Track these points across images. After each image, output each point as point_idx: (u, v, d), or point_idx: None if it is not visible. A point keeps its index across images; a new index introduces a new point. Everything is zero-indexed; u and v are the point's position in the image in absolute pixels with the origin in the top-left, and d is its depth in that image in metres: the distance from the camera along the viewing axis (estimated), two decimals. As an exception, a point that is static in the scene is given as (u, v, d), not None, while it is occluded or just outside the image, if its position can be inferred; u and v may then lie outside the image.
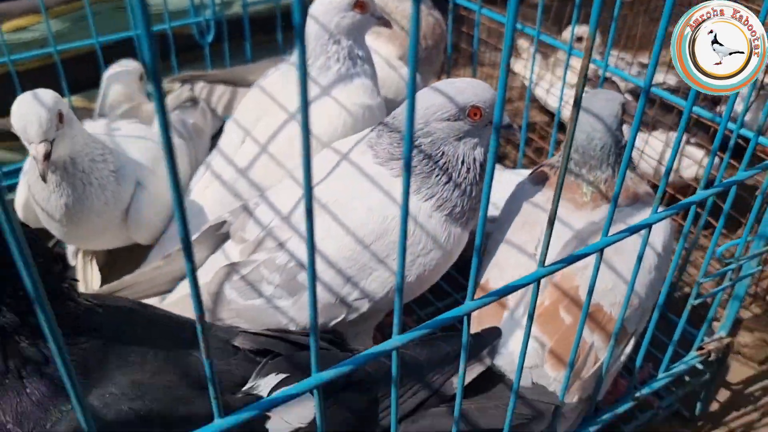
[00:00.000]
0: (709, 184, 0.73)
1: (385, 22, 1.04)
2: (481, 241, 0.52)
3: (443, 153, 0.81)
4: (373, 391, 0.70)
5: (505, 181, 1.05)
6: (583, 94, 0.54)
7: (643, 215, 0.85)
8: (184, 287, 0.88)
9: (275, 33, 1.46)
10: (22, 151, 1.26)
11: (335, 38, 0.99)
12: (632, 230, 0.66)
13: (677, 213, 0.73)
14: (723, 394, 1.13)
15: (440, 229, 0.82)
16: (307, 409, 0.64)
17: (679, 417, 1.09)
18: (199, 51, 1.41)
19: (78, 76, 1.31)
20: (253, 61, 1.42)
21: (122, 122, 1.05)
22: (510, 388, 0.76)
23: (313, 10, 1.00)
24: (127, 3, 1.32)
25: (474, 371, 0.76)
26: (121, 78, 1.20)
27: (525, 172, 1.14)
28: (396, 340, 0.52)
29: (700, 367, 1.02)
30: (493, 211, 1.01)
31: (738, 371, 1.17)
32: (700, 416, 1.08)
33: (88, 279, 0.98)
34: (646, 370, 0.99)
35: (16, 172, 1.26)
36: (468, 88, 0.81)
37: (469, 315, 0.56)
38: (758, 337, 1.19)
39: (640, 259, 0.71)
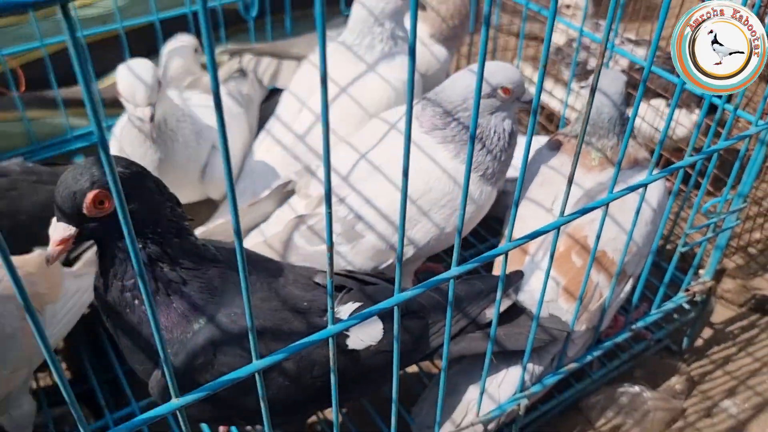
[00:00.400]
0: (697, 149, 0.89)
1: (421, 6, 1.19)
2: (519, 197, 0.68)
3: (479, 124, 0.97)
4: (425, 318, 0.87)
5: (522, 147, 1.21)
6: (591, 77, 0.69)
7: (642, 177, 1.01)
8: (255, 236, 1.04)
9: (311, 8, 1.60)
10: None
11: (380, 21, 1.14)
12: (632, 189, 0.82)
13: (669, 174, 0.89)
14: (707, 332, 1.31)
15: (475, 188, 0.98)
16: (376, 330, 0.81)
17: (669, 351, 1.27)
18: (243, 24, 1.55)
19: (135, 48, 1.45)
20: (292, 35, 1.56)
21: (190, 93, 1.20)
22: (531, 318, 0.94)
23: (360, -6, 1.15)
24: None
25: (503, 305, 0.94)
26: (179, 52, 1.34)
27: (541, 138, 1.30)
28: (454, 270, 0.68)
29: (686, 306, 1.20)
30: (513, 172, 1.18)
31: (721, 313, 1.35)
32: (686, 350, 1.27)
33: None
34: (642, 309, 1.16)
35: (85, 136, 1.42)
36: (500, 71, 0.96)
37: (507, 253, 0.73)
38: (739, 284, 1.37)
39: (637, 212, 0.87)
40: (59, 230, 0.66)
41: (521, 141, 1.31)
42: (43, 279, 0.91)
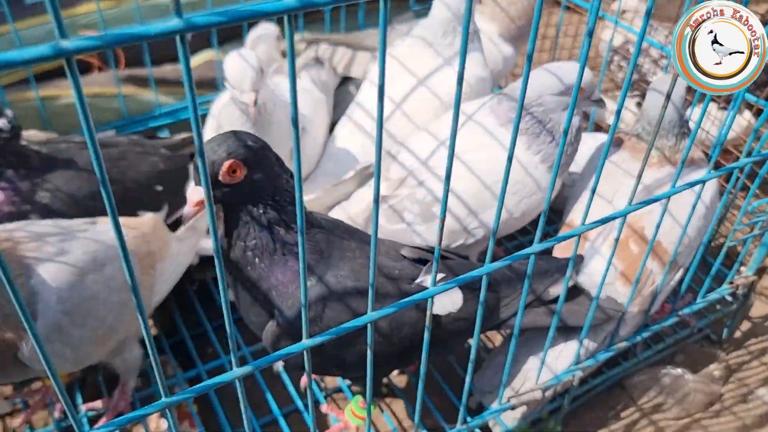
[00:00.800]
0: (748, 153, 0.98)
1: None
2: (588, 185, 0.78)
3: (551, 119, 1.06)
4: (497, 291, 0.97)
5: (584, 143, 1.29)
6: (655, 78, 0.77)
7: (697, 175, 1.10)
8: (337, 213, 1.15)
9: (376, 2, 1.70)
10: (176, 95, 1.54)
11: (459, 20, 1.23)
12: (691, 185, 0.91)
13: (724, 174, 0.98)
14: (746, 325, 1.39)
15: (543, 177, 1.08)
16: (457, 300, 0.91)
17: (709, 340, 1.36)
18: (319, 14, 1.65)
19: (220, 33, 1.56)
20: (364, 27, 1.67)
21: (278, 78, 1.31)
22: (590, 298, 1.03)
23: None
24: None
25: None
26: (263, 39, 1.44)
27: (598, 136, 1.39)
28: (536, 246, 0.78)
29: (729, 299, 1.28)
30: (575, 168, 1.27)
31: (760, 308, 1.43)
32: (726, 340, 1.35)
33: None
34: (687, 299, 1.25)
35: (172, 113, 1.53)
36: (573, 71, 1.05)
37: (579, 235, 0.83)
38: (778, 282, 1.45)
39: (693, 207, 0.96)
40: (197, 193, 0.76)
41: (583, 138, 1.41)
42: (155, 240, 1.02)
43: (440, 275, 0.91)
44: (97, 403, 1.07)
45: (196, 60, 1.59)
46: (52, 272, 0.83)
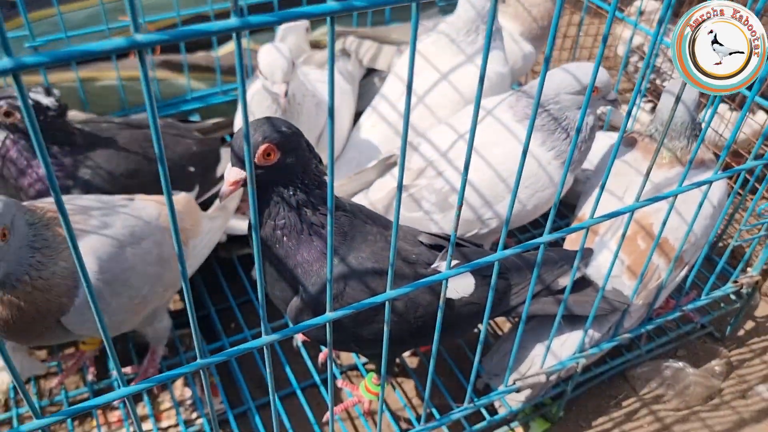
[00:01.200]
0: (756, 156, 1.02)
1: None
2: (599, 182, 0.83)
3: (566, 117, 1.11)
4: (508, 279, 1.02)
5: (599, 141, 1.34)
6: (669, 82, 0.82)
7: (706, 176, 1.15)
8: (360, 199, 1.20)
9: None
10: (207, 81, 1.60)
11: (482, 17, 1.28)
12: (699, 184, 0.96)
13: (732, 175, 1.02)
14: (749, 324, 1.44)
15: (556, 173, 1.13)
16: (469, 285, 0.97)
17: (712, 336, 1.40)
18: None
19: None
20: (391, 21, 1.72)
21: (307, 68, 1.36)
22: (597, 289, 1.08)
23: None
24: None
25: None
26: (293, 31, 1.50)
27: (613, 134, 1.43)
28: (546, 237, 0.83)
29: (733, 297, 1.33)
30: (587, 165, 1.32)
31: (764, 308, 1.47)
32: (728, 337, 1.40)
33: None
34: (692, 295, 1.29)
35: (203, 97, 1.60)
36: (591, 71, 1.10)
37: (588, 228, 0.88)
38: (783, 284, 1.49)
39: (700, 206, 1.01)
40: (234, 173, 0.82)
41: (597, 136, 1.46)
42: (188, 218, 1.09)
43: (455, 261, 0.96)
44: (128, 369, 1.14)
45: (228, 47, 1.65)
46: (95, 244, 0.90)
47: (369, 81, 1.57)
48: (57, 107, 1.09)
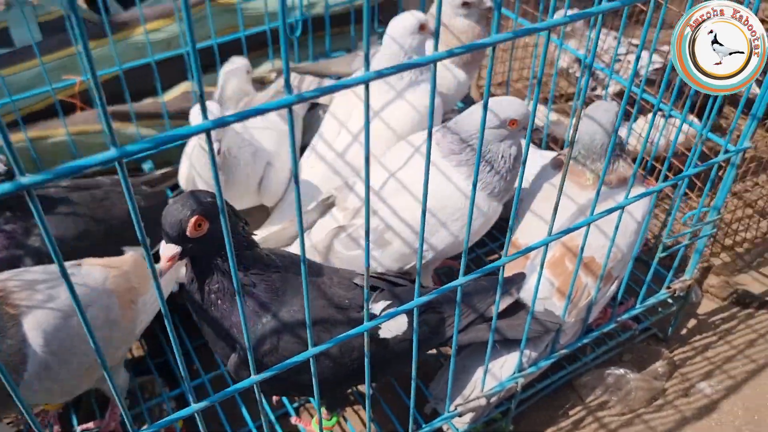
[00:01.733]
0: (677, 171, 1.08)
1: (433, 34, 1.38)
2: (513, 222, 0.88)
3: (489, 150, 1.16)
4: (441, 312, 1.08)
5: (532, 162, 1.40)
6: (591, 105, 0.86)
7: (631, 192, 1.21)
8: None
9: (347, 25, 1.80)
10: (156, 127, 1.64)
11: (408, 54, 1.33)
12: (610, 211, 1.01)
13: (645, 196, 1.08)
14: (692, 322, 1.50)
15: (483, 204, 1.18)
16: (402, 323, 1.02)
17: (656, 338, 1.47)
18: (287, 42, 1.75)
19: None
20: (331, 50, 1.77)
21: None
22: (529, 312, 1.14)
23: (391, 32, 1.34)
24: (237, 6, 1.65)
25: (505, 302, 1.14)
26: (234, 74, 1.54)
27: (548, 154, 1.49)
28: (461, 279, 0.88)
29: (669, 301, 1.39)
30: (524, 184, 1.38)
31: (706, 305, 1.54)
32: (671, 337, 1.46)
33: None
34: (629, 303, 1.35)
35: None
36: (508, 106, 1.15)
37: (503, 266, 0.93)
38: (723, 280, 1.56)
39: (616, 228, 1.06)
40: (169, 250, 0.88)
41: (530, 154, 1.52)
42: (137, 276, 1.14)
43: (386, 302, 1.02)
44: (90, 425, 1.19)
45: (173, 92, 1.70)
46: (40, 318, 0.95)
47: (314, 114, 1.62)
48: (5, 171, 1.13)
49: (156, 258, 1.27)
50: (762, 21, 0.73)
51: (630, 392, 1.31)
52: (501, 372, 1.15)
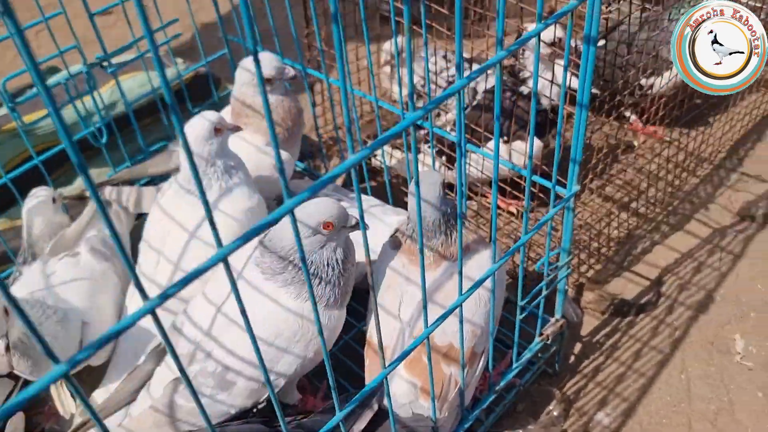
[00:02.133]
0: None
1: (236, 128, 1.27)
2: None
3: (312, 261, 1.06)
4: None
5: (373, 236, 1.30)
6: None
7: (474, 262, 1.13)
8: (144, 400, 1.12)
9: (159, 113, 1.66)
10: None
11: (210, 162, 1.21)
12: (478, 284, 0.93)
13: (492, 273, 1.00)
14: (577, 347, 1.46)
15: (323, 317, 1.08)
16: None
17: (546, 375, 1.42)
18: (97, 149, 1.59)
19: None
20: (146, 145, 1.62)
21: (53, 262, 1.25)
22: (396, 420, 1.06)
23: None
24: (20, 131, 1.47)
25: (366, 417, 1.05)
26: (39, 210, 1.37)
27: (392, 220, 1.40)
28: (339, 415, 0.79)
29: (548, 343, 1.34)
30: (374, 256, 1.28)
31: (587, 323, 1.50)
32: (560, 371, 1.41)
33: (65, 404, 1.21)
34: (508, 358, 1.29)
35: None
36: (316, 210, 1.04)
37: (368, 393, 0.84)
38: (597, 294, 1.52)
39: (461, 321, 0.98)
40: None
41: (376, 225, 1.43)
42: None
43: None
44: None
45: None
46: None
47: (141, 224, 1.48)
48: None
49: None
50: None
51: (525, 451, 1.25)
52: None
